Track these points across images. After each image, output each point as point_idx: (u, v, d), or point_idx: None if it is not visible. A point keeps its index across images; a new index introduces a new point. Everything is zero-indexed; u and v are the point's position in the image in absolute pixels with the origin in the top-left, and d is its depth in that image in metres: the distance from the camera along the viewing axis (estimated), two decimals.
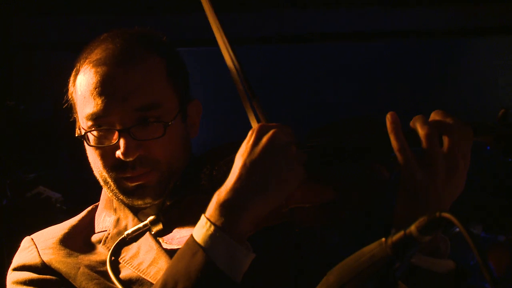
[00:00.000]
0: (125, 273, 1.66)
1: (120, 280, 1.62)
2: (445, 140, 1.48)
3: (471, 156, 1.54)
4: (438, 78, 4.46)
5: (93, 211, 1.87)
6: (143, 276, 1.64)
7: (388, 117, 1.49)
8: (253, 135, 1.47)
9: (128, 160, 1.65)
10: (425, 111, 1.55)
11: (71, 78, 1.76)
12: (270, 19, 3.79)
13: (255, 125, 1.57)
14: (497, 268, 4.95)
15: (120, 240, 1.65)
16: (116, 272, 1.63)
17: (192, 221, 1.51)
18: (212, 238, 1.42)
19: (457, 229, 1.17)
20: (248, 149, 1.46)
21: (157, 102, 1.69)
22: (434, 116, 1.52)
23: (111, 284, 1.64)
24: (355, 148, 1.59)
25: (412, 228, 1.27)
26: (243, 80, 1.65)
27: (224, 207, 1.43)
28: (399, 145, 1.48)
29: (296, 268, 1.60)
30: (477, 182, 3.80)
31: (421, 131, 1.47)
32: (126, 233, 1.65)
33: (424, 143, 1.47)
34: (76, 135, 1.74)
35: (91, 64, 1.69)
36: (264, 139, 1.46)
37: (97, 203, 1.88)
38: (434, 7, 3.87)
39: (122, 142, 1.64)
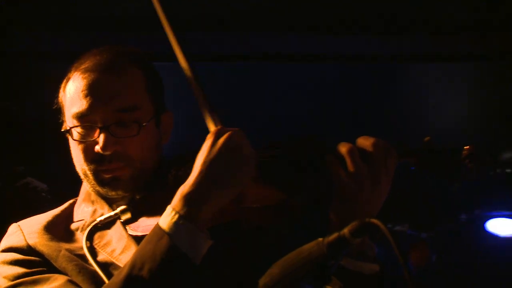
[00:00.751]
0: (100, 257, 1.67)
1: (97, 262, 1.63)
2: (370, 158, 1.54)
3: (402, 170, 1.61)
4: (379, 101, 4.43)
5: (73, 204, 1.88)
6: (116, 262, 1.64)
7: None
8: (212, 137, 1.52)
9: (106, 154, 1.67)
10: (366, 129, 1.61)
11: (62, 85, 1.79)
12: (233, 39, 3.77)
13: (212, 128, 1.60)
14: (419, 261, 5.02)
15: (93, 225, 1.67)
16: (93, 255, 1.65)
17: (156, 213, 1.53)
18: (176, 225, 1.45)
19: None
20: (207, 149, 1.50)
21: (135, 105, 1.71)
22: (361, 139, 1.60)
23: (89, 266, 1.64)
24: (302, 159, 1.64)
25: (345, 230, 1.29)
26: (203, 95, 1.67)
27: (186, 198, 1.47)
28: (332, 162, 1.57)
29: (246, 262, 1.61)
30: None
31: (342, 149, 1.57)
32: (98, 219, 1.66)
33: (347, 160, 1.55)
34: (62, 130, 1.77)
35: (80, 71, 1.72)
36: (221, 140, 1.50)
37: (77, 198, 1.88)
38: (378, 35, 3.87)
39: (101, 138, 1.66)
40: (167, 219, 1.47)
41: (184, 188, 1.49)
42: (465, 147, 1.65)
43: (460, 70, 4.21)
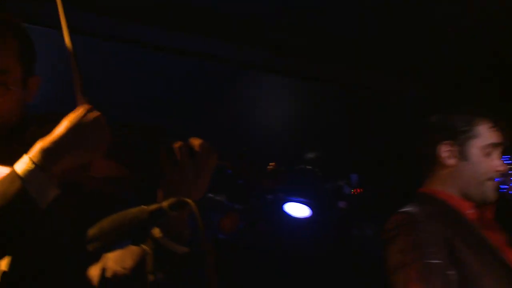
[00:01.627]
0: None
1: None
2: (195, 156, 1.61)
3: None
4: (217, 101, 4.39)
5: None
6: None
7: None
8: (83, 110, 1.52)
9: None
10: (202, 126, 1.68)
11: None
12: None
13: (81, 105, 1.57)
14: (229, 226, 5.14)
15: None
16: None
17: (9, 162, 1.50)
18: (30, 172, 1.44)
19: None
20: (76, 118, 1.50)
21: (5, 69, 1.68)
22: (192, 139, 1.65)
23: None
24: (144, 145, 1.68)
25: (165, 204, 1.38)
26: (79, 73, 1.64)
27: (44, 151, 1.46)
28: (166, 152, 1.62)
29: (82, 215, 1.63)
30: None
31: (175, 144, 1.61)
32: None
33: (177, 154, 1.60)
34: None
35: None
36: (90, 115, 1.51)
37: None
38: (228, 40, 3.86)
39: None
40: (22, 166, 1.45)
41: (44, 143, 1.47)
42: (270, 163, 1.73)
43: (288, 84, 4.27)
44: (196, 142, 1.63)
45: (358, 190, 4.91)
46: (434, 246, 2.24)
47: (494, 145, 2.49)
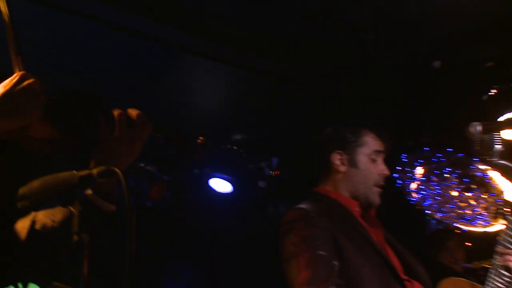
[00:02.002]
0: None
1: None
2: (132, 124, 1.59)
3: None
4: (155, 79, 4.34)
5: None
6: None
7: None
8: (17, 76, 1.46)
9: None
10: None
11: None
12: None
13: (17, 71, 1.51)
14: (157, 194, 5.15)
15: None
16: None
17: None
18: None
19: None
20: (11, 83, 1.44)
21: None
22: (130, 110, 1.62)
23: None
24: (82, 110, 1.62)
25: (94, 170, 1.39)
26: (15, 38, 1.56)
27: None
28: (103, 119, 1.59)
29: (15, 172, 1.61)
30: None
31: (115, 112, 1.59)
32: None
33: (116, 121, 1.58)
34: None
35: None
36: (25, 82, 1.45)
37: None
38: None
39: None
40: None
41: None
42: (200, 138, 1.73)
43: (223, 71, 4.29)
44: (133, 112, 1.61)
45: (277, 172, 5.02)
46: (322, 240, 2.35)
47: (378, 152, 2.66)
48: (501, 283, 2.45)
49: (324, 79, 4.27)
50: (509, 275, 2.44)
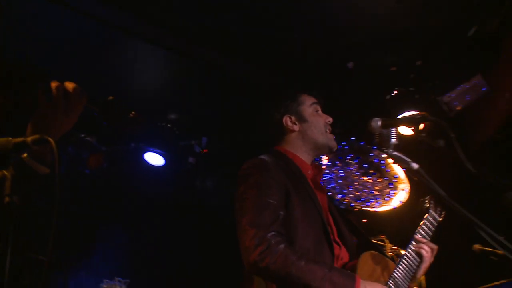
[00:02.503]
0: None
1: None
2: (68, 96, 1.57)
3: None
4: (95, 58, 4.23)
5: None
6: None
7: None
8: None
9: None
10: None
11: None
12: None
13: None
14: (94, 164, 5.06)
15: None
16: None
17: None
18: None
19: None
20: None
21: None
22: (66, 82, 1.60)
23: None
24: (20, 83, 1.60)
25: (29, 138, 1.40)
26: None
27: None
28: (41, 90, 1.56)
29: None
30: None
31: (52, 84, 1.56)
32: None
33: (53, 92, 1.55)
34: None
35: None
36: None
37: None
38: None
39: None
40: None
41: None
42: (132, 112, 1.73)
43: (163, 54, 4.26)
44: (69, 84, 1.59)
45: (205, 150, 5.06)
46: (274, 189, 2.35)
47: (315, 103, 2.79)
48: (410, 266, 2.50)
49: (250, 67, 4.32)
50: (419, 260, 2.50)
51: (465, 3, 3.53)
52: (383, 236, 3.85)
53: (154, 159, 5.05)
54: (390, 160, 3.97)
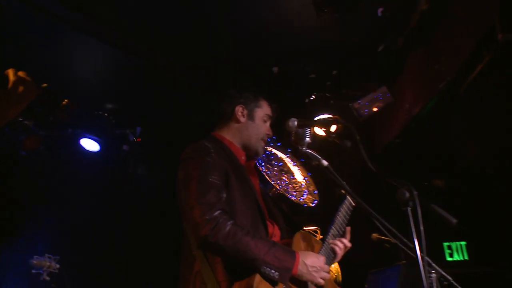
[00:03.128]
0: None
1: None
2: (23, 85, 1.50)
3: None
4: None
5: None
6: None
7: None
8: None
9: None
10: None
11: None
12: None
13: None
14: (30, 147, 4.80)
15: None
16: None
17: None
18: None
19: None
20: None
21: None
22: (21, 73, 1.52)
23: None
24: None
25: None
26: None
27: None
28: None
29: None
30: None
31: (10, 73, 1.49)
32: None
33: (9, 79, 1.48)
34: None
35: None
36: None
37: None
38: None
39: None
40: None
41: None
42: (65, 100, 1.68)
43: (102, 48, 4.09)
44: (24, 75, 1.53)
45: (139, 139, 4.92)
46: (215, 170, 2.34)
47: (269, 116, 2.80)
48: (328, 254, 2.53)
49: (185, 67, 4.25)
50: (333, 255, 2.51)
51: (375, 23, 3.64)
52: (316, 227, 3.93)
53: (90, 144, 4.86)
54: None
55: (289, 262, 2.17)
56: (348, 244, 2.53)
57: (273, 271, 2.13)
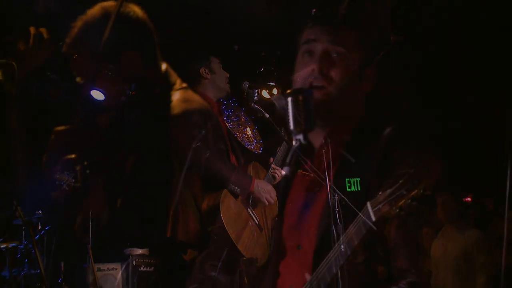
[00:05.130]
0: None
1: None
2: (41, 40, 1.45)
3: None
4: None
5: None
6: None
7: None
8: None
9: None
10: None
11: None
12: None
13: None
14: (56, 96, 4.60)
15: None
16: None
17: None
18: None
19: None
20: None
21: None
22: (42, 29, 1.46)
23: None
24: None
25: None
26: None
27: None
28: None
29: None
30: None
31: (31, 29, 1.43)
32: None
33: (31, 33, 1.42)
34: None
35: None
36: None
37: None
38: None
39: None
40: None
41: None
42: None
43: None
44: (44, 31, 1.44)
45: (133, 93, 4.83)
46: (198, 116, 2.60)
47: (219, 63, 3.02)
48: (270, 179, 2.74)
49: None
50: (273, 180, 2.70)
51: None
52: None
53: (97, 94, 4.70)
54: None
55: (247, 183, 2.44)
56: (284, 173, 2.75)
57: (236, 187, 2.38)
